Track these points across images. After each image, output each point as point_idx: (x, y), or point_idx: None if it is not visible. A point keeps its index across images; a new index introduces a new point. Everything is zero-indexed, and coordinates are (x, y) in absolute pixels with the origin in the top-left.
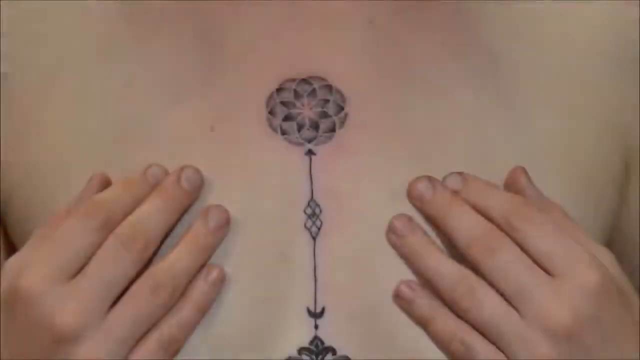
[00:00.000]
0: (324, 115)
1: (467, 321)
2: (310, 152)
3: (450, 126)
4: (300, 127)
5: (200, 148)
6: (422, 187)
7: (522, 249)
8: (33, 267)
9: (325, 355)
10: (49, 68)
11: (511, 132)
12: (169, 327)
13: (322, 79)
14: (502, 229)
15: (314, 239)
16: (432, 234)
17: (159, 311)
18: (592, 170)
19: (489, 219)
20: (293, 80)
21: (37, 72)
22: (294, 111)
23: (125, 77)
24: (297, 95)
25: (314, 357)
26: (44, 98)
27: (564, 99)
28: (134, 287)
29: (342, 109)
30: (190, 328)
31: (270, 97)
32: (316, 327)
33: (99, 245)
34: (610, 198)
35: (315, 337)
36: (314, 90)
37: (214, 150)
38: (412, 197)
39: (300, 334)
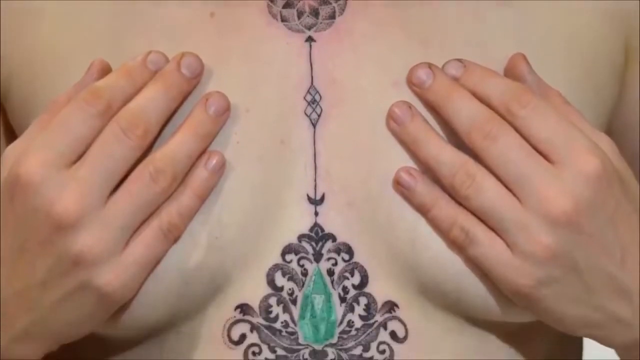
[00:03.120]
0: (324, 2)
1: (467, 208)
2: (310, 39)
3: (451, 15)
4: (300, 14)
5: (200, 34)
6: (422, 74)
7: (522, 135)
8: (33, 154)
9: (325, 242)
10: None
11: (511, 23)
12: (168, 214)
13: None
14: (502, 116)
15: (314, 125)
16: (433, 122)
17: (158, 198)
18: (591, 57)
19: (489, 105)
20: None
21: None
22: None
23: None
24: None
25: (313, 244)
26: None
27: None
28: (133, 174)
29: None
30: (190, 215)
31: None
32: (316, 214)
33: (99, 132)
34: (610, 85)
35: (315, 224)
36: None
37: (214, 37)
38: (412, 83)
39: (300, 221)
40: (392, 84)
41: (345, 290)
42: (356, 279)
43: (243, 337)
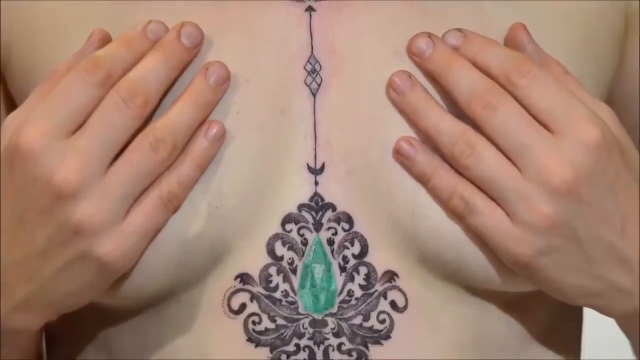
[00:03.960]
0: None
1: (467, 177)
2: (310, 9)
3: None
4: None
5: (200, 4)
6: (422, 44)
7: (522, 105)
8: (32, 123)
9: (325, 212)
10: None
11: None
12: (168, 184)
13: None
14: (502, 85)
15: (314, 95)
16: (433, 91)
17: (158, 167)
18: (591, 26)
19: (489, 75)
20: None
21: None
22: None
23: None
24: None
25: (313, 213)
26: None
27: None
28: (133, 144)
29: None
30: (189, 184)
31: None
32: (316, 183)
33: (98, 101)
34: (610, 54)
35: (315, 194)
36: None
37: (214, 7)
38: (412, 53)
39: (300, 191)
40: (392, 53)
41: (345, 259)
42: (356, 249)
43: (243, 306)
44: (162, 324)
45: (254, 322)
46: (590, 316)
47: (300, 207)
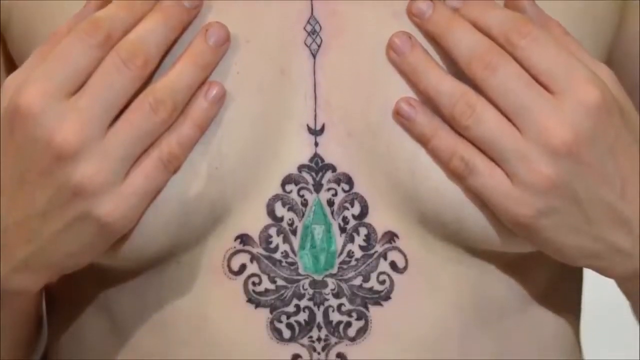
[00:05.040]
0: None
1: (467, 138)
2: None
3: None
4: None
5: None
6: (422, 5)
7: (522, 66)
8: (32, 84)
9: (325, 173)
10: None
11: None
12: (168, 144)
13: None
14: (502, 47)
15: (314, 56)
16: (433, 53)
17: (158, 128)
18: None
19: (489, 36)
20: None
21: None
22: None
23: None
24: None
25: (313, 174)
26: None
27: None
28: (133, 105)
29: None
30: (189, 145)
31: None
32: (316, 144)
33: (99, 63)
34: (609, 16)
35: (315, 155)
36: None
37: None
38: (413, 14)
39: (300, 151)
40: (392, 14)
41: (345, 220)
42: (356, 210)
43: (243, 267)
44: (161, 285)
45: (253, 283)
46: (590, 277)
47: (300, 168)
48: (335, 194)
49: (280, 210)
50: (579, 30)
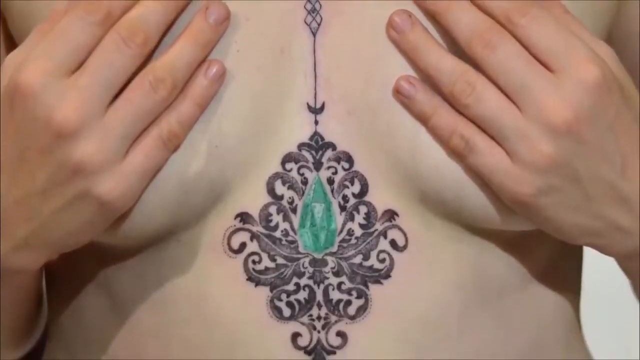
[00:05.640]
0: None
1: (467, 117)
2: None
3: None
4: None
5: None
6: None
7: (523, 45)
8: (32, 63)
9: (325, 151)
10: None
11: None
12: (168, 123)
13: None
14: (502, 25)
15: (314, 34)
16: (433, 32)
17: (158, 106)
18: None
19: (489, 15)
20: None
21: None
22: None
23: None
24: None
25: (313, 152)
26: None
27: None
28: (133, 83)
29: None
30: (189, 123)
31: None
32: (316, 122)
33: (98, 41)
34: None
35: (315, 133)
36: None
37: None
38: None
39: (300, 130)
40: None
41: (345, 199)
42: (356, 188)
43: (243, 245)
44: (162, 263)
45: (253, 262)
46: (590, 256)
47: (300, 146)
48: (335, 172)
49: (280, 189)
50: (579, 9)
